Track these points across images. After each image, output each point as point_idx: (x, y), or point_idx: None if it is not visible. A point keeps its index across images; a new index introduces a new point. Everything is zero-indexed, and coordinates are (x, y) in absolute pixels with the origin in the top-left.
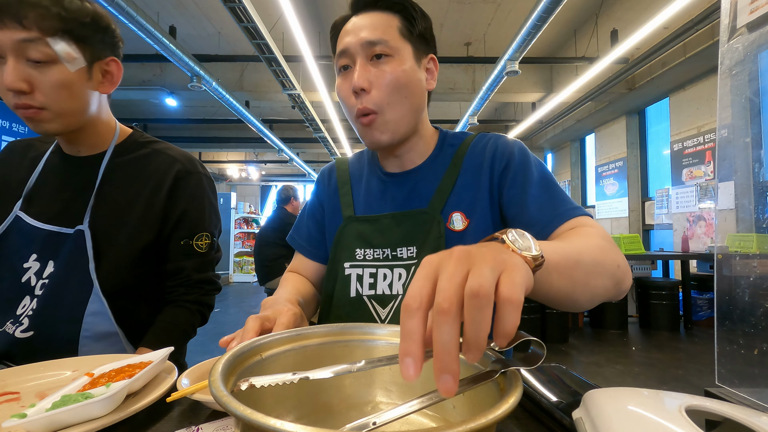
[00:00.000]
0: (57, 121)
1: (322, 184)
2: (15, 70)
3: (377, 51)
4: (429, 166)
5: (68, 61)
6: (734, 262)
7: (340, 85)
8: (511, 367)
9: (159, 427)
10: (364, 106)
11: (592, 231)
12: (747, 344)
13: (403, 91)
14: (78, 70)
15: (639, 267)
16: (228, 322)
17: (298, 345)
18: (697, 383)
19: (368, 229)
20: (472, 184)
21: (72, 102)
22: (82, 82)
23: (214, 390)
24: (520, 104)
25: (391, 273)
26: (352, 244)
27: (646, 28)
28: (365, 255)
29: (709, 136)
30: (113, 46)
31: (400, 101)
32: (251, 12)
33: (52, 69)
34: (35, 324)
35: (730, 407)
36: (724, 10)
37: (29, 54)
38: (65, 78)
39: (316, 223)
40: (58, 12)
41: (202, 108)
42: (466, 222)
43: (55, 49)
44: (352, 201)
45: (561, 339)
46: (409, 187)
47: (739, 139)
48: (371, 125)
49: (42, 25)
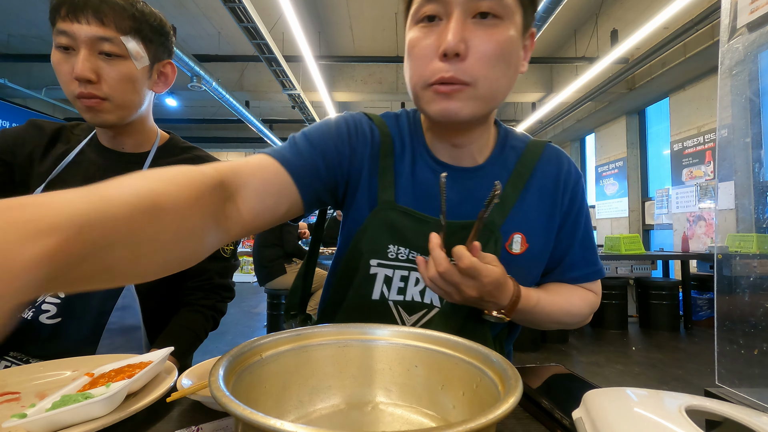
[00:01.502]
0: (116, 112)
1: (361, 134)
2: (87, 61)
3: (484, 8)
4: (490, 168)
5: (136, 59)
6: (734, 262)
7: (419, 39)
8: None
9: (159, 427)
10: (452, 75)
11: (590, 299)
12: (747, 344)
13: (504, 66)
14: (142, 68)
15: (639, 267)
16: (228, 322)
17: (298, 345)
18: (697, 383)
19: (409, 224)
20: (538, 205)
21: (132, 95)
22: (143, 79)
23: (214, 390)
24: (520, 104)
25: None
26: (384, 237)
27: (646, 28)
28: (398, 254)
29: (709, 136)
30: (170, 51)
31: (498, 78)
32: (251, 12)
33: (120, 63)
34: (64, 312)
35: (730, 407)
36: (724, 10)
37: (102, 48)
38: (131, 73)
39: (326, 165)
40: (133, 13)
41: (202, 108)
42: (525, 246)
43: (127, 46)
44: (393, 181)
45: (561, 339)
46: (466, 188)
47: (739, 139)
48: (453, 96)
49: (119, 24)
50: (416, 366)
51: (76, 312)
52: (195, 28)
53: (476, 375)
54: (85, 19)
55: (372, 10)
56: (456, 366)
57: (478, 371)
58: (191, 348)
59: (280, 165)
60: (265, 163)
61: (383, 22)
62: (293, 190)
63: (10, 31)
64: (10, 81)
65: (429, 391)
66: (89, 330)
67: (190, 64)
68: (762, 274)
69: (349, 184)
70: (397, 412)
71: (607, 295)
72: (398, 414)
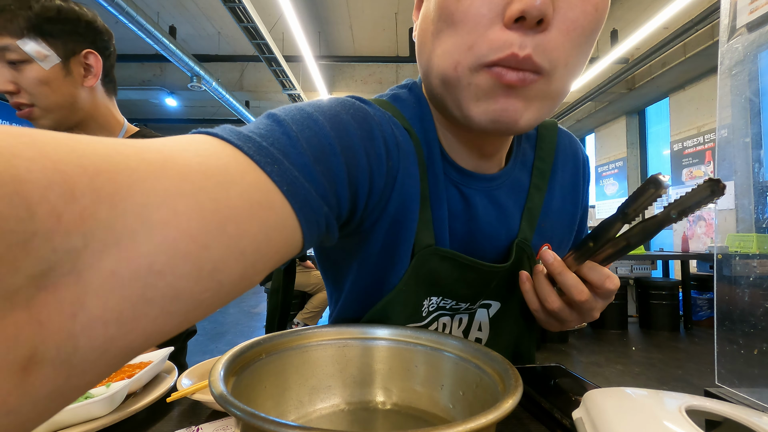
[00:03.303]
0: (47, 117)
1: (393, 145)
2: (1, 75)
3: None
4: (512, 169)
5: (41, 60)
6: (734, 262)
7: None
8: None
9: (159, 427)
10: (529, 54)
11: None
12: (747, 344)
13: (589, 47)
14: (54, 67)
15: (639, 267)
16: (228, 322)
17: (298, 345)
18: (697, 383)
19: (448, 271)
20: (562, 207)
21: (55, 97)
22: (60, 78)
23: (214, 390)
24: None
25: (450, 320)
26: (422, 291)
27: (646, 28)
28: (430, 306)
29: (709, 136)
30: (90, 38)
31: (578, 65)
32: (251, 12)
33: (29, 68)
34: None
35: (730, 407)
36: (723, 10)
37: (7, 57)
38: (42, 75)
39: (348, 183)
40: (24, 14)
41: (202, 108)
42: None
43: (25, 49)
44: (431, 216)
45: (561, 339)
46: (496, 201)
47: (739, 139)
48: (519, 90)
49: (10, 30)
50: (416, 366)
51: None
52: (195, 28)
53: (476, 375)
54: None
55: (372, 10)
56: (456, 366)
57: (478, 371)
58: (178, 340)
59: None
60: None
61: (383, 22)
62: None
63: None
64: None
65: (429, 391)
66: None
67: (190, 64)
68: (762, 274)
69: (363, 192)
70: (397, 412)
71: None
72: (398, 414)
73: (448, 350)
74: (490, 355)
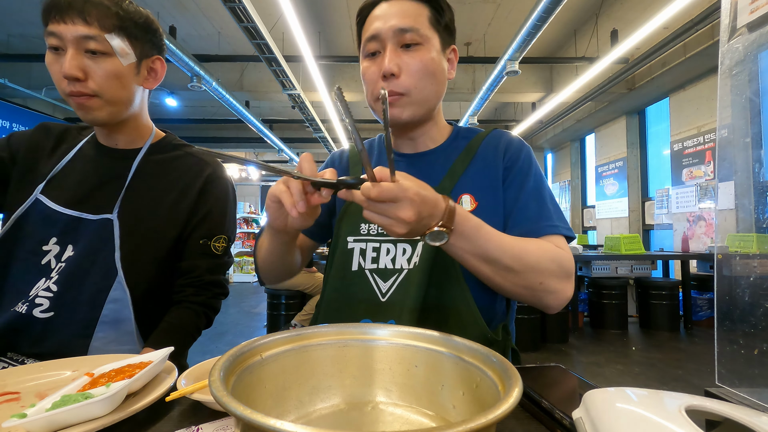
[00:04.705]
0: (105, 109)
1: (333, 164)
2: (74, 60)
3: (408, 39)
4: (442, 150)
5: (122, 56)
6: (734, 262)
7: (368, 68)
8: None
9: (159, 427)
10: (391, 89)
11: (548, 247)
12: (747, 344)
13: (430, 78)
14: (129, 65)
15: (639, 267)
16: (228, 322)
17: (298, 345)
18: (697, 383)
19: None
20: (483, 171)
21: (121, 92)
22: (131, 76)
23: (214, 390)
24: (520, 104)
25: (394, 248)
26: (358, 219)
27: (646, 28)
28: (369, 230)
29: (709, 136)
30: (159, 48)
31: (426, 87)
32: (251, 12)
33: (106, 60)
34: (57, 306)
35: (730, 407)
36: (724, 10)
37: (88, 46)
38: (117, 69)
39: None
40: (117, 11)
41: (202, 108)
42: (475, 204)
43: (112, 43)
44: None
45: (561, 339)
46: (420, 167)
47: (739, 139)
48: (394, 104)
49: (102, 23)
50: (416, 366)
51: (68, 305)
52: (195, 28)
53: (476, 375)
54: (70, 20)
55: None
56: (456, 366)
57: (478, 371)
58: (185, 346)
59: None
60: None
61: None
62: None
63: (10, 31)
64: (11, 81)
65: (429, 391)
66: (82, 323)
67: (190, 64)
68: (762, 274)
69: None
70: (397, 412)
71: (607, 295)
72: (398, 414)
73: (448, 350)
74: (490, 355)
